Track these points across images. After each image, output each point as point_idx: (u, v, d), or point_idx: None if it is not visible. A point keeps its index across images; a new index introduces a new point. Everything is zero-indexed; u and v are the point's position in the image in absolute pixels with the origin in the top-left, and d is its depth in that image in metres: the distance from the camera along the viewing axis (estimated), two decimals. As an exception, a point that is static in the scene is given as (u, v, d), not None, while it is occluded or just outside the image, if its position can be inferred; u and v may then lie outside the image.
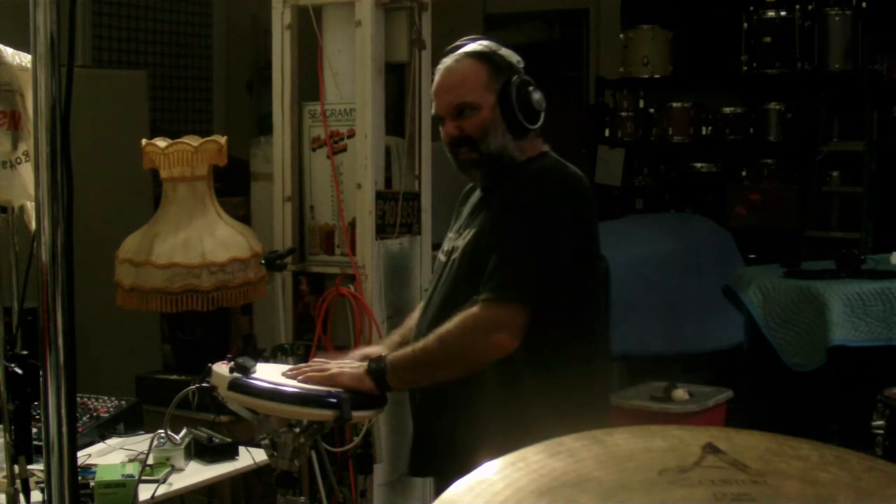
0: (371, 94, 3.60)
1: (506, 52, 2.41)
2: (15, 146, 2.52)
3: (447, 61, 2.40)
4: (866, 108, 5.84)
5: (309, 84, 3.79)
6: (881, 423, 3.00)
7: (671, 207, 6.67)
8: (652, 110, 6.76)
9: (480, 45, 2.40)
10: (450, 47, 2.44)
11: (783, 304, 4.33)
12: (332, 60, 3.71)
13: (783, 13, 6.13)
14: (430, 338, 2.24)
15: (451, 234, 2.50)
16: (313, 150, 3.77)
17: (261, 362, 2.36)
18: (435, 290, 2.42)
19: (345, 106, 3.68)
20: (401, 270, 3.77)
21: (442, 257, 2.46)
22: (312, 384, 2.26)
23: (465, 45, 2.42)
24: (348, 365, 2.31)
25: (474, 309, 2.21)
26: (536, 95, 2.37)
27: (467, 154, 2.37)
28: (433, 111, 2.44)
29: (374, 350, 2.54)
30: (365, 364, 2.28)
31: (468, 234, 2.35)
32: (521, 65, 2.40)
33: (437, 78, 2.41)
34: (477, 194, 2.49)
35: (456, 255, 2.36)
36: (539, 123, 2.39)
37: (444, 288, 2.37)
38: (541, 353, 2.25)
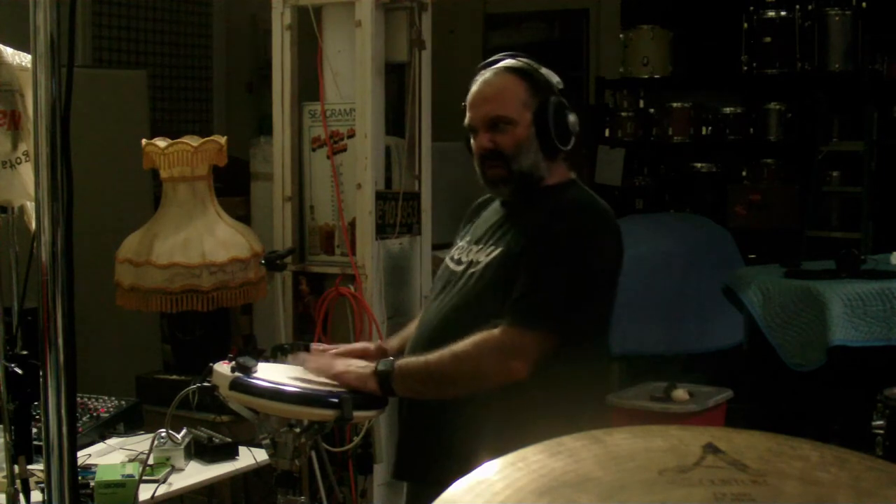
0: (371, 94, 3.60)
1: (546, 71, 2.39)
2: (15, 146, 2.51)
3: (486, 74, 2.37)
4: (866, 108, 5.83)
5: (309, 84, 3.79)
6: (881, 423, 3.01)
7: (671, 207, 6.65)
8: (652, 110, 6.74)
9: (521, 61, 2.38)
10: (488, 60, 2.42)
11: (783, 304, 4.32)
12: (332, 60, 3.71)
13: (783, 13, 6.12)
14: (445, 353, 2.20)
15: (462, 243, 2.45)
16: (313, 150, 3.78)
17: (262, 362, 2.37)
18: (443, 298, 2.37)
19: (345, 106, 3.68)
20: (401, 270, 3.77)
21: (453, 266, 2.41)
22: (316, 376, 2.27)
23: (503, 59, 2.39)
24: (355, 364, 2.30)
25: (495, 332, 2.18)
26: (572, 118, 2.35)
27: (497, 170, 2.33)
28: (466, 122, 2.38)
29: (367, 346, 2.55)
30: (372, 365, 2.26)
31: (493, 252, 2.31)
32: (561, 86, 2.38)
33: (474, 88, 2.37)
34: (496, 209, 2.44)
35: (477, 269, 2.31)
36: (570, 146, 2.37)
37: (456, 298, 2.33)
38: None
